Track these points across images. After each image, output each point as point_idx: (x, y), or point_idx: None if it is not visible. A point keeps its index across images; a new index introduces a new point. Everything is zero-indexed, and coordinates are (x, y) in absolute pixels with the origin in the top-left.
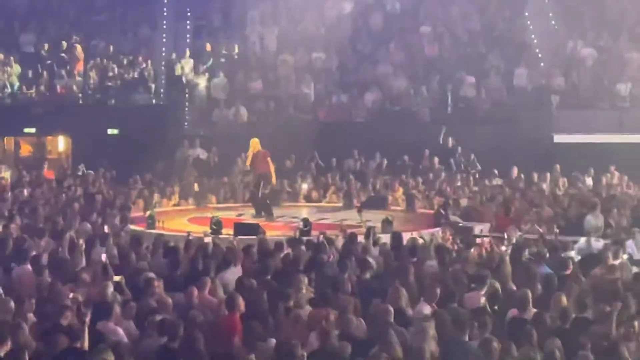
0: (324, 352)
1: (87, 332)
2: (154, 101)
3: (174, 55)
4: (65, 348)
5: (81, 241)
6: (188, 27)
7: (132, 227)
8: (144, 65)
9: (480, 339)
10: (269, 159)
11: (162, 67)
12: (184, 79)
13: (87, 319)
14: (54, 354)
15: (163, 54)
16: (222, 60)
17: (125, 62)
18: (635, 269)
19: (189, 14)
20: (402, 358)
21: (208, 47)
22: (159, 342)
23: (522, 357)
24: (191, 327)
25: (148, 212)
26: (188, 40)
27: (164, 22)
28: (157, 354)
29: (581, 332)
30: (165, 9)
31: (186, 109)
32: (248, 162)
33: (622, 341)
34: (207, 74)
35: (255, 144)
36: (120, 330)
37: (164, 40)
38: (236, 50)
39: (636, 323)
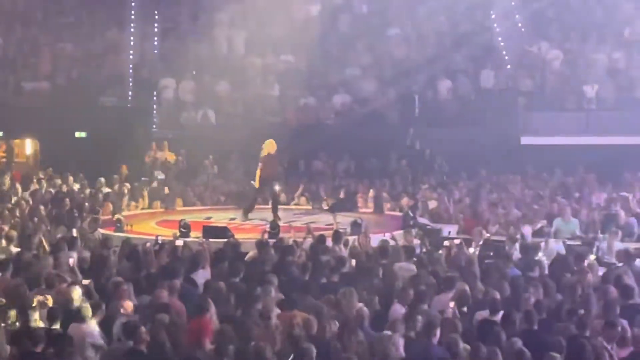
0: (292, 354)
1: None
2: (121, 104)
3: (141, 58)
4: (26, 352)
5: (48, 244)
6: (156, 29)
7: (101, 230)
8: (112, 67)
9: (449, 341)
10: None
11: (130, 70)
12: (152, 82)
13: (58, 323)
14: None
15: (131, 57)
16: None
17: (93, 64)
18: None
19: (156, 16)
20: None
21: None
22: (126, 346)
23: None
24: (159, 331)
25: (116, 216)
26: (156, 43)
27: (132, 24)
28: (125, 357)
29: (547, 334)
30: (132, 11)
31: (154, 111)
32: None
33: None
34: (175, 77)
35: (270, 145)
36: (96, 332)
37: (132, 42)
38: (204, 53)
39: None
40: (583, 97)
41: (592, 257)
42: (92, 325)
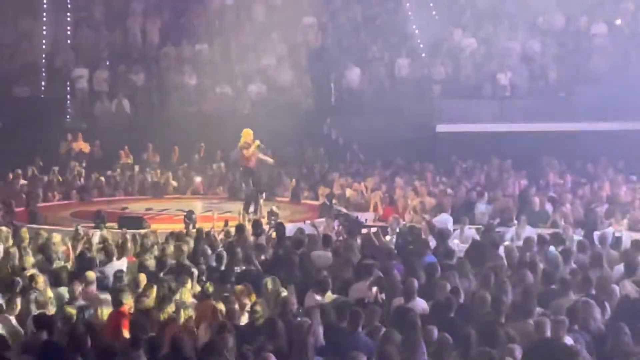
0: (211, 343)
1: None
2: (35, 94)
3: (54, 47)
4: None
5: None
6: (69, 18)
7: (15, 222)
8: (25, 57)
9: (368, 328)
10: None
11: (43, 60)
12: (65, 71)
13: None
14: None
15: (44, 46)
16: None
17: (5, 54)
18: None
19: (69, 5)
20: (287, 349)
21: None
22: (41, 338)
23: (408, 345)
24: (74, 322)
25: (31, 207)
26: (69, 32)
27: (44, 14)
28: (41, 349)
29: (465, 320)
30: (45, 1)
31: (68, 102)
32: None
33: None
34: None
35: (247, 135)
36: (7, 325)
37: (45, 32)
38: (118, 42)
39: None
40: (497, 84)
41: (507, 243)
42: (5, 319)
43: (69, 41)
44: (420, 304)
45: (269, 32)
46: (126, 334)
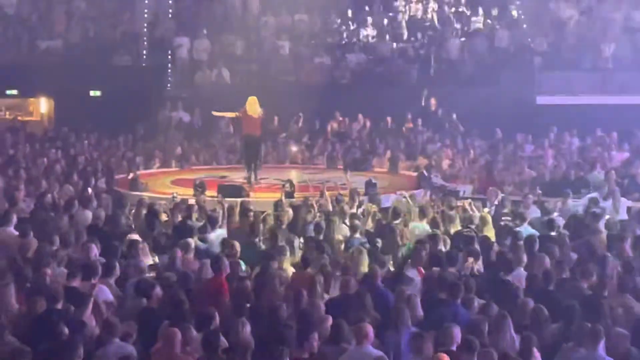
0: (305, 312)
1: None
2: (136, 63)
3: (155, 16)
4: (45, 310)
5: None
6: None
7: (116, 189)
8: (126, 26)
9: (465, 300)
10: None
11: (144, 29)
12: (166, 40)
13: (77, 280)
14: (35, 315)
15: (145, 15)
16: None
17: (107, 23)
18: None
19: None
20: (382, 320)
21: None
22: (140, 304)
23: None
24: (174, 289)
25: (131, 174)
26: (170, 1)
27: None
28: (141, 315)
29: (566, 293)
30: None
31: (169, 70)
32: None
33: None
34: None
35: (253, 103)
36: (107, 289)
37: (146, 1)
38: (218, 12)
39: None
40: (599, 56)
41: (607, 216)
42: (107, 283)
43: (170, 10)
44: (521, 276)
45: (369, 2)
46: (225, 300)
